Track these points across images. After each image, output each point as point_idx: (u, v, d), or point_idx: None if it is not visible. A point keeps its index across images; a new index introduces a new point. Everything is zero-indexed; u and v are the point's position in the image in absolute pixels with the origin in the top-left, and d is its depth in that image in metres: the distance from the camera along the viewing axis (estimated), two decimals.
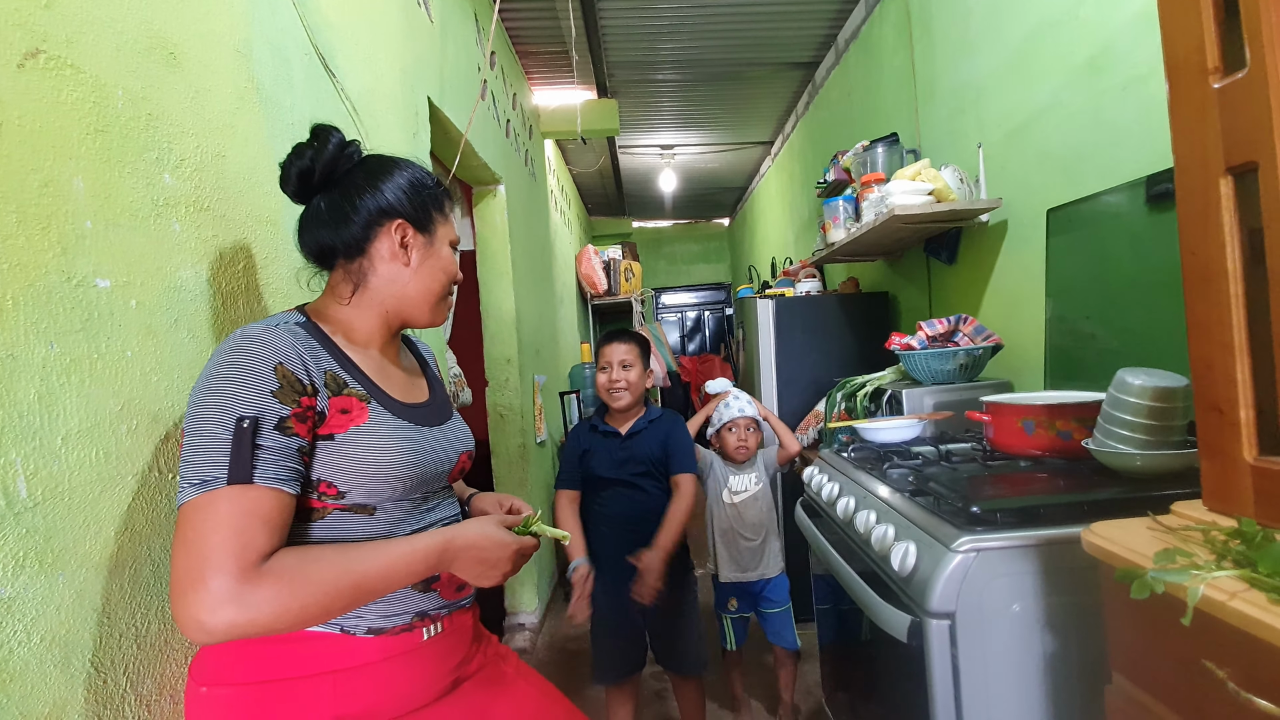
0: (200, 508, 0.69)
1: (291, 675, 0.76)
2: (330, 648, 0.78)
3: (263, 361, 0.74)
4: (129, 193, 0.83)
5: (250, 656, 0.76)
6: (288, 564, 0.71)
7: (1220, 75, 0.72)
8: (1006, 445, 1.34)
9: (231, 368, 0.73)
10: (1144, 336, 1.43)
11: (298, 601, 0.70)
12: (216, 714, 0.75)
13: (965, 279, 2.29)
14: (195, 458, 0.70)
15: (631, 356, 1.78)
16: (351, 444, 0.79)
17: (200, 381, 0.74)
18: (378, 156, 0.94)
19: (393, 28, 1.81)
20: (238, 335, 0.77)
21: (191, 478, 0.70)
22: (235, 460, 0.70)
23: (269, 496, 0.72)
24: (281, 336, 0.77)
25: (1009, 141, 1.97)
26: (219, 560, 0.67)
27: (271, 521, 0.71)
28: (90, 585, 0.75)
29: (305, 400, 0.76)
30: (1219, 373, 0.73)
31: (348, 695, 0.78)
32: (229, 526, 0.68)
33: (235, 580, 0.66)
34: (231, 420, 0.71)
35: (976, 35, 2.11)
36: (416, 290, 0.91)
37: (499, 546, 0.85)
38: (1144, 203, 1.41)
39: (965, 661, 0.95)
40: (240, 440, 0.70)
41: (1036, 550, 0.96)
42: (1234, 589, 0.61)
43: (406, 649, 0.82)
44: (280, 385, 0.74)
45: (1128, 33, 1.47)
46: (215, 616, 0.65)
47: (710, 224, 8.54)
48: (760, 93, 4.26)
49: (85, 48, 0.79)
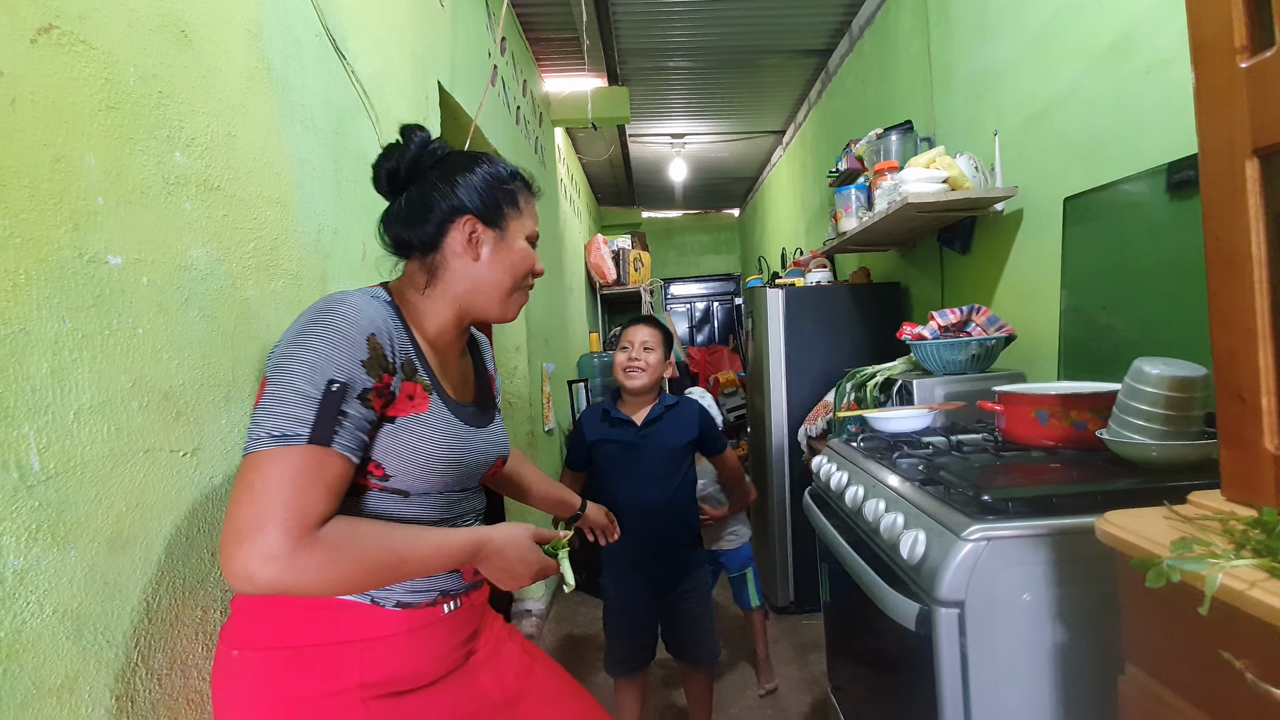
0: (274, 460, 0.69)
1: (321, 642, 0.78)
2: (360, 617, 0.80)
3: (358, 329, 0.76)
4: (140, 170, 0.83)
5: (282, 622, 0.77)
6: (341, 533, 0.72)
7: (1248, 54, 0.70)
8: (1019, 436, 1.32)
9: (329, 329, 0.74)
10: (1161, 327, 1.41)
11: (342, 572, 0.71)
12: (247, 676, 0.77)
13: (979, 269, 2.26)
14: (278, 409, 0.71)
15: (654, 341, 1.77)
16: (407, 431, 0.81)
17: (292, 335, 0.75)
18: (458, 153, 0.95)
19: (404, 11, 1.80)
20: (336, 298, 0.78)
21: (271, 428, 0.70)
22: (320, 421, 0.71)
23: (340, 463, 0.73)
24: (377, 309, 0.80)
25: (1026, 128, 1.94)
26: (282, 516, 0.67)
27: (334, 489, 0.72)
28: (102, 559, 0.75)
29: (385, 377, 0.78)
30: (1241, 360, 0.72)
31: (373, 663, 0.79)
32: (299, 485, 0.69)
33: (292, 540, 0.67)
34: (323, 381, 0.72)
35: (995, 20, 2.07)
36: (486, 284, 0.92)
37: (524, 562, 0.90)
38: (1164, 191, 1.39)
39: (974, 650, 0.95)
40: (328, 403, 0.72)
41: (1049, 540, 0.95)
42: (1254, 578, 0.60)
43: (428, 622, 0.85)
44: (369, 356, 0.76)
45: (1152, 16, 1.44)
46: (264, 570, 0.66)
47: (720, 214, 8.49)
48: (772, 80, 4.22)
49: (97, 24, 0.79)
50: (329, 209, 1.29)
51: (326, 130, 1.31)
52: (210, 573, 0.91)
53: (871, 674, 1.39)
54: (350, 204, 1.39)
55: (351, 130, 1.43)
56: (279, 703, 0.76)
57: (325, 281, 1.26)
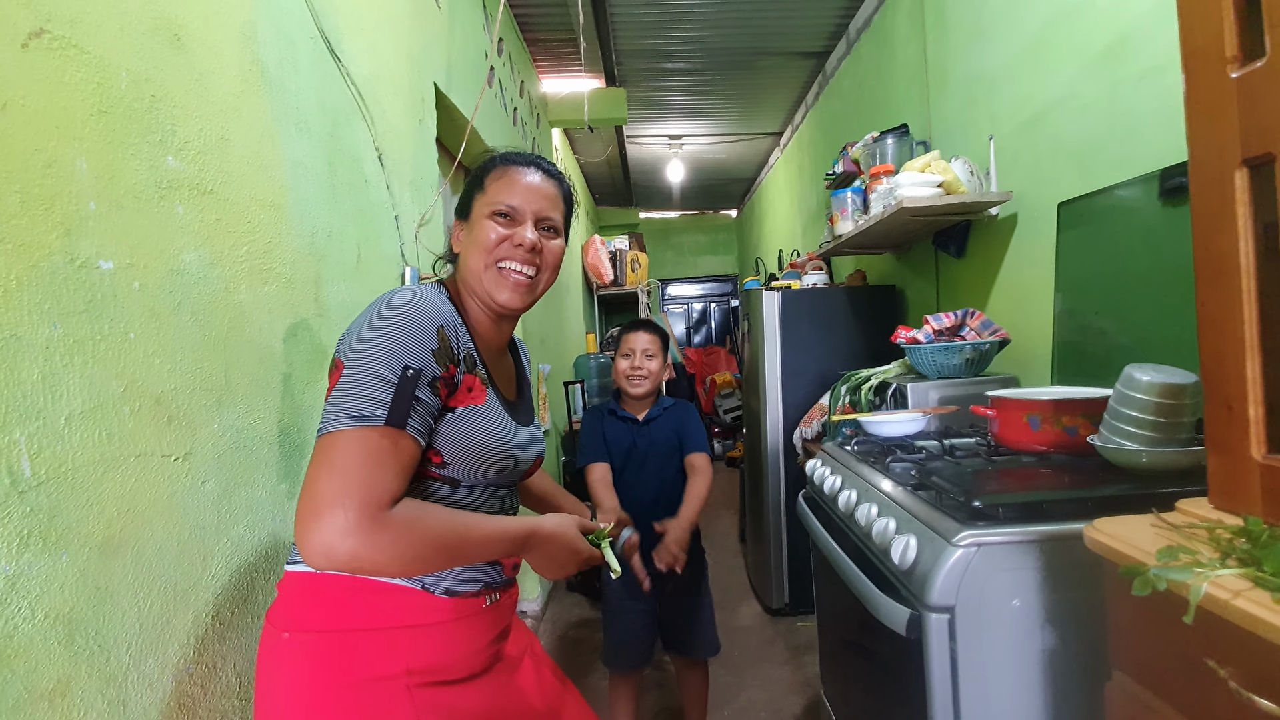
0: (354, 439, 0.72)
1: (370, 626, 0.79)
2: (409, 602, 0.81)
3: (430, 320, 0.80)
4: (132, 175, 0.83)
5: (332, 605, 0.79)
6: (410, 514, 0.74)
7: (1239, 64, 0.71)
8: (1011, 441, 1.33)
9: (403, 319, 0.78)
10: (1154, 333, 1.41)
11: (412, 549, 0.73)
12: (297, 658, 0.78)
13: (974, 273, 2.27)
14: (357, 391, 0.73)
15: (655, 347, 1.81)
16: (465, 421, 0.84)
17: (366, 323, 0.78)
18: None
19: (400, 13, 1.80)
20: (408, 290, 0.82)
21: (351, 409, 0.73)
22: (396, 404, 0.74)
23: (412, 445, 0.76)
24: (444, 303, 0.84)
25: (1021, 133, 1.95)
26: (361, 493, 0.70)
27: (406, 470, 0.75)
28: (93, 564, 0.75)
29: (451, 368, 0.82)
30: (1229, 369, 0.72)
31: (420, 650, 0.81)
32: (377, 464, 0.72)
33: (369, 516, 0.70)
34: (399, 366, 0.75)
35: (991, 24, 2.08)
36: (467, 271, 0.93)
37: (570, 551, 0.93)
38: (1158, 197, 1.39)
39: (964, 656, 0.95)
40: (404, 387, 0.75)
41: (1038, 546, 0.95)
42: (1238, 588, 0.60)
43: (472, 613, 0.87)
44: (439, 346, 0.80)
45: (1146, 22, 1.44)
46: (342, 544, 0.68)
47: (718, 215, 8.50)
48: (770, 82, 4.22)
49: (89, 28, 0.79)
50: (323, 212, 1.29)
51: (321, 133, 1.31)
52: (202, 578, 0.91)
53: (864, 677, 1.40)
54: (344, 207, 1.39)
55: (346, 133, 1.43)
56: (328, 685, 0.77)
57: (319, 285, 1.26)
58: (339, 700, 0.76)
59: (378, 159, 1.58)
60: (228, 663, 0.95)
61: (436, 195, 1.97)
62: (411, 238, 1.76)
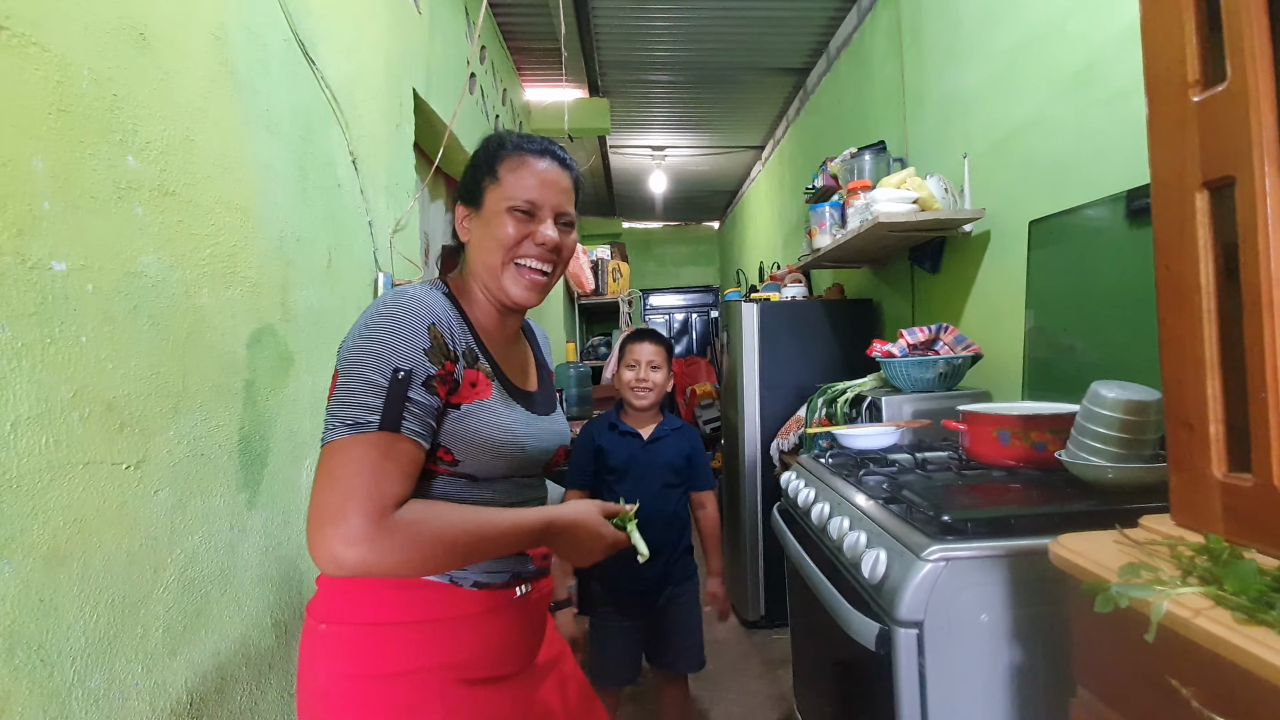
0: (350, 448, 0.72)
1: (404, 620, 0.80)
2: (439, 596, 0.82)
3: (419, 319, 0.79)
4: (90, 175, 0.81)
5: (368, 600, 0.79)
6: (417, 515, 0.74)
7: (1200, 89, 0.72)
8: (981, 455, 1.34)
9: (391, 320, 0.78)
10: (1121, 350, 1.43)
11: (420, 552, 0.73)
12: (334, 649, 0.79)
13: (948, 288, 2.29)
14: (350, 400, 0.74)
15: (660, 358, 1.80)
16: (473, 417, 0.83)
17: (358, 330, 0.78)
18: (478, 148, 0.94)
19: (378, 18, 1.79)
20: (397, 291, 0.81)
21: (345, 419, 0.73)
22: (388, 408, 0.74)
23: (410, 448, 0.76)
24: (436, 299, 0.83)
25: (994, 152, 1.98)
26: (360, 500, 0.70)
27: (408, 472, 0.75)
28: (37, 576, 0.72)
29: (448, 365, 0.81)
30: (1190, 388, 0.73)
31: (454, 644, 0.82)
32: (374, 470, 0.72)
33: (372, 522, 0.70)
34: (388, 370, 0.75)
35: (965, 46, 2.12)
36: (479, 265, 0.91)
37: (594, 537, 0.91)
38: (1124, 217, 1.42)
39: (932, 671, 0.95)
40: (395, 390, 0.75)
41: (1006, 560, 0.96)
42: (1199, 606, 0.61)
43: (502, 604, 0.87)
44: (431, 345, 0.79)
45: (1114, 47, 1.48)
46: (350, 552, 0.69)
47: (700, 226, 8.54)
48: (752, 97, 4.26)
49: (51, 26, 0.77)
50: (293, 215, 1.27)
51: (293, 136, 1.29)
52: (153, 590, 0.88)
53: (835, 691, 1.39)
54: (315, 210, 1.37)
55: (320, 136, 1.41)
56: (363, 676, 0.78)
57: (286, 289, 1.23)
58: (374, 691, 0.78)
59: (352, 163, 1.56)
60: (178, 679, 0.91)
61: (413, 201, 1.95)
62: (386, 243, 1.74)
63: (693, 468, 1.81)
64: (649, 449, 1.78)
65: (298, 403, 1.26)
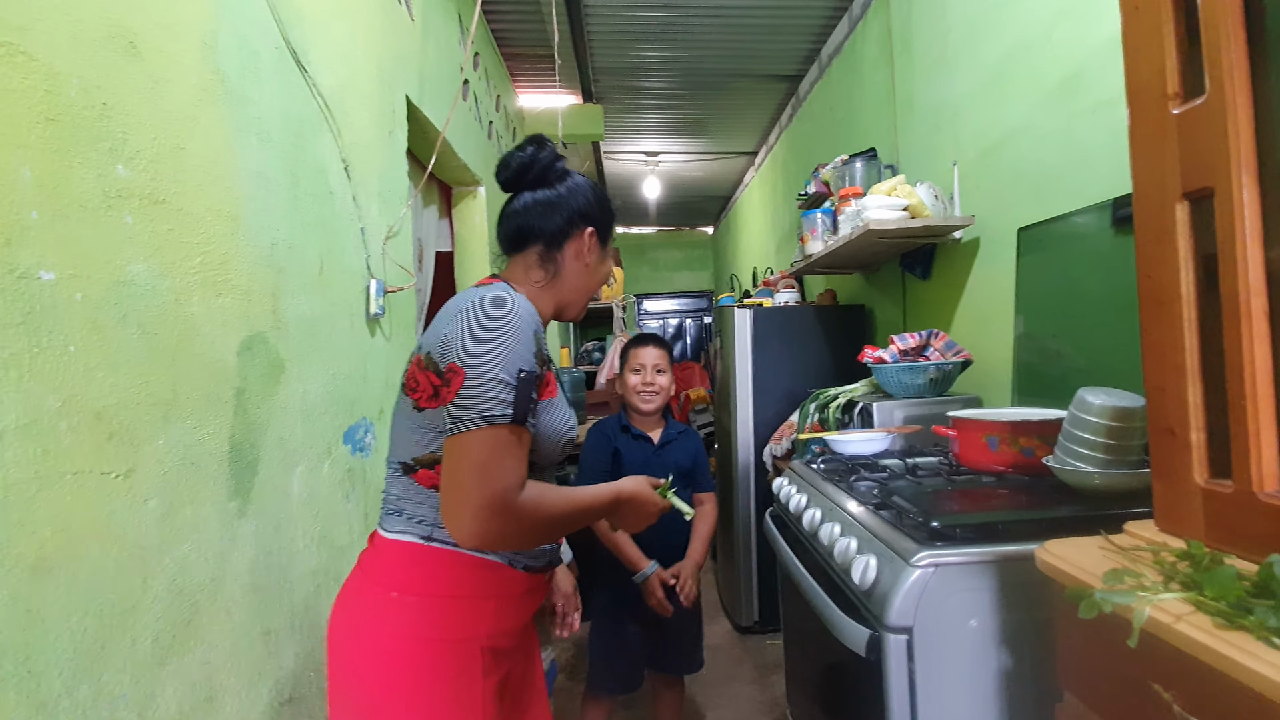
0: (489, 437, 0.83)
1: (471, 594, 0.91)
2: (499, 575, 0.93)
3: (530, 326, 0.90)
4: (79, 183, 0.81)
5: (445, 575, 0.90)
6: (535, 494, 0.87)
7: (1180, 101, 0.73)
8: (971, 461, 1.35)
9: (511, 326, 0.87)
10: (1108, 356, 1.45)
11: (541, 525, 0.88)
12: (404, 615, 0.89)
13: (939, 294, 2.31)
14: (484, 394, 0.83)
15: (664, 362, 1.82)
16: (546, 413, 0.95)
17: (476, 331, 0.86)
18: (574, 171, 1.08)
19: (371, 25, 1.79)
20: (506, 299, 0.90)
21: (483, 410, 0.83)
22: (518, 403, 0.85)
23: (529, 438, 0.89)
24: (532, 309, 0.93)
25: (983, 160, 2.00)
26: (502, 483, 0.82)
27: (526, 459, 0.87)
28: (23, 586, 0.72)
29: (545, 369, 0.93)
30: (1171, 395, 0.74)
31: (500, 617, 0.94)
32: (509, 455, 0.84)
33: (509, 501, 0.83)
34: (515, 369, 0.86)
35: (954, 55, 2.14)
36: (583, 288, 1.08)
37: (651, 503, 1.06)
38: (1110, 225, 1.44)
39: (922, 677, 0.95)
40: (522, 388, 0.86)
41: (994, 566, 0.96)
42: (1180, 611, 0.61)
43: (536, 586, 1.00)
44: (537, 349, 0.90)
45: (1099, 57, 1.50)
46: (491, 527, 0.82)
47: (694, 231, 8.56)
48: (745, 103, 4.29)
49: (39, 35, 0.77)
50: (284, 223, 1.27)
51: (284, 143, 1.29)
52: (141, 599, 0.88)
53: (827, 697, 1.40)
54: (307, 218, 1.36)
55: (311, 143, 1.41)
56: (429, 639, 0.89)
57: (277, 296, 1.23)
58: (435, 653, 0.89)
59: (344, 170, 1.56)
60: (167, 689, 0.91)
61: (406, 208, 1.95)
62: (378, 250, 1.74)
63: (697, 469, 1.85)
64: (660, 454, 1.81)
65: (289, 410, 1.26)
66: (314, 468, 1.35)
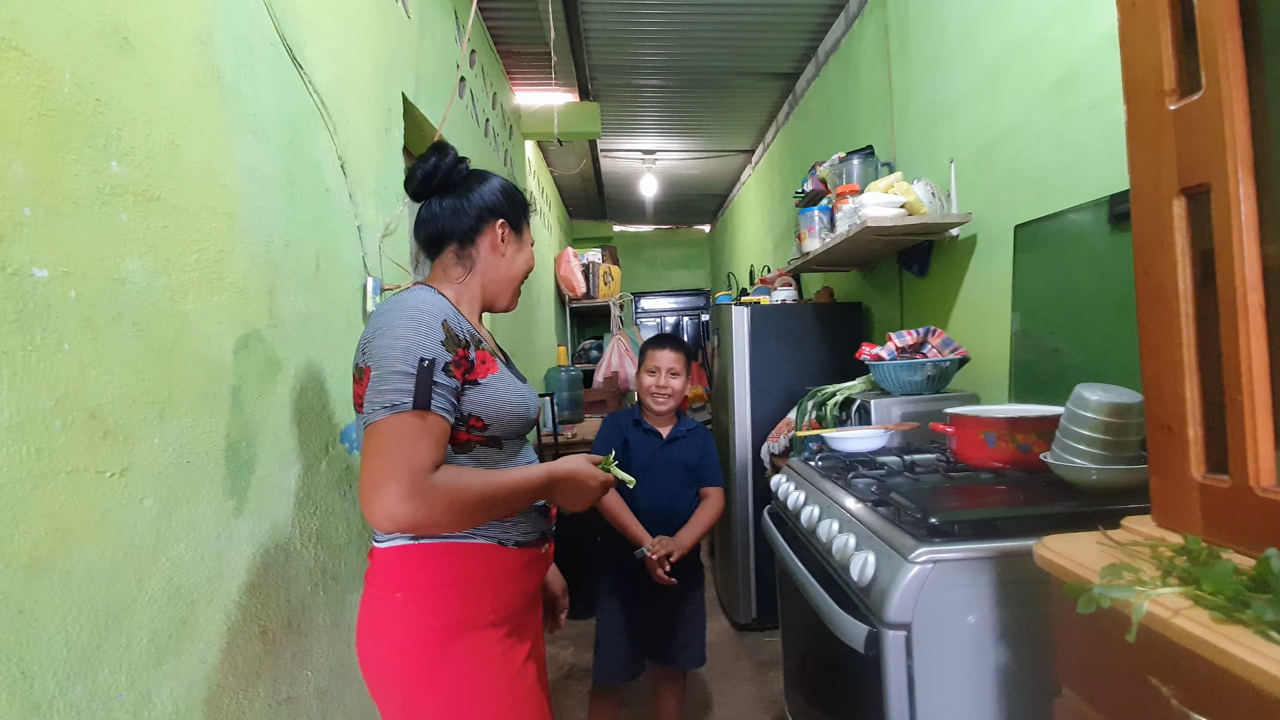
0: (391, 425, 0.87)
1: (464, 579, 0.97)
2: (491, 555, 1.00)
3: (434, 317, 0.94)
4: (72, 180, 0.80)
5: (433, 566, 0.96)
6: (449, 475, 0.90)
7: (1176, 97, 0.73)
8: (969, 457, 1.35)
9: (413, 320, 0.93)
10: (1105, 353, 1.45)
11: (459, 504, 0.89)
12: (409, 611, 0.94)
13: (936, 291, 2.31)
14: (385, 387, 0.88)
15: (679, 365, 1.85)
16: (492, 388, 1.00)
17: (383, 330, 0.92)
18: (480, 170, 1.15)
19: (367, 22, 1.78)
20: (412, 296, 0.97)
21: (383, 403, 0.88)
22: (418, 391, 0.89)
23: (438, 422, 0.91)
24: (440, 300, 0.99)
25: (980, 157, 2.00)
26: (404, 465, 0.85)
27: (439, 441, 0.90)
28: (17, 586, 0.71)
29: (460, 351, 0.96)
30: (1169, 391, 0.74)
31: (502, 595, 1.00)
32: (412, 440, 0.87)
33: (416, 482, 0.85)
34: (415, 360, 0.90)
35: (951, 52, 2.14)
36: (505, 277, 1.14)
37: (591, 477, 1.09)
38: (1106, 222, 1.44)
39: (920, 673, 0.95)
40: (422, 376, 0.89)
41: (992, 562, 0.96)
42: (1178, 606, 0.61)
43: (533, 559, 1.07)
44: (445, 337, 0.94)
45: (1095, 55, 1.50)
46: (402, 508, 0.84)
47: (691, 230, 8.56)
48: (742, 101, 4.28)
49: (31, 30, 0.76)
50: (280, 221, 1.26)
51: (280, 140, 1.28)
52: (137, 599, 0.87)
53: (825, 693, 1.40)
54: (303, 215, 1.36)
55: (307, 140, 1.40)
56: (438, 626, 0.94)
57: (274, 294, 1.22)
58: (446, 639, 0.94)
59: (340, 168, 1.55)
60: (163, 689, 0.90)
61: (402, 205, 1.94)
62: (375, 248, 1.73)
63: (704, 466, 1.87)
64: (667, 448, 1.84)
65: (285, 409, 1.25)
66: (311, 466, 1.34)
